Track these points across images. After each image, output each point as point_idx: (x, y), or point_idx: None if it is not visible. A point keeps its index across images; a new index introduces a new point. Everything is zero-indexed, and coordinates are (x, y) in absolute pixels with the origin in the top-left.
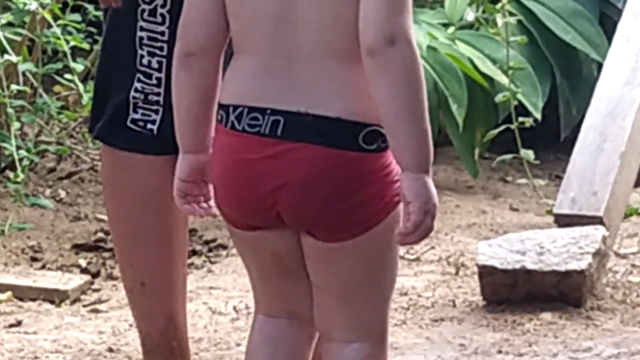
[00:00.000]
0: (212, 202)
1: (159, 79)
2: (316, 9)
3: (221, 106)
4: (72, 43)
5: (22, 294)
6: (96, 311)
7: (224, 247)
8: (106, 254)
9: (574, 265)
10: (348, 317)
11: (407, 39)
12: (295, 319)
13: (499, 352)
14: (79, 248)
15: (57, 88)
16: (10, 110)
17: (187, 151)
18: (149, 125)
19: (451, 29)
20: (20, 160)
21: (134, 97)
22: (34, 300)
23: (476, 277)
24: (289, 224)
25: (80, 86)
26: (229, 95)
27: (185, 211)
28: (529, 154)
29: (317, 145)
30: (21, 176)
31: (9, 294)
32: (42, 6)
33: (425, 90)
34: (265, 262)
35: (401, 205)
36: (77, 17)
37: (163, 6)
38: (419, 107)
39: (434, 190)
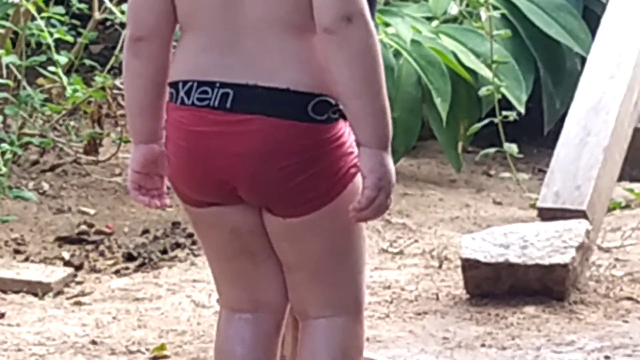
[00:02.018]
0: (165, 196)
1: None
2: None
3: (170, 84)
4: (56, 35)
5: (5, 286)
6: (79, 304)
7: None
8: (89, 247)
9: (557, 259)
10: (321, 293)
11: (364, 17)
12: (260, 311)
13: (482, 345)
14: (62, 240)
15: (40, 81)
16: None
17: (140, 141)
18: None
19: (435, 23)
20: (3, 152)
21: None
22: (17, 292)
23: (459, 270)
24: (246, 199)
25: (64, 79)
26: (178, 71)
27: (140, 202)
28: (512, 148)
29: (267, 117)
30: (4, 169)
31: None
32: None
33: (382, 68)
34: (224, 240)
35: (359, 178)
36: (60, 9)
37: None
38: (376, 85)
39: (391, 167)
